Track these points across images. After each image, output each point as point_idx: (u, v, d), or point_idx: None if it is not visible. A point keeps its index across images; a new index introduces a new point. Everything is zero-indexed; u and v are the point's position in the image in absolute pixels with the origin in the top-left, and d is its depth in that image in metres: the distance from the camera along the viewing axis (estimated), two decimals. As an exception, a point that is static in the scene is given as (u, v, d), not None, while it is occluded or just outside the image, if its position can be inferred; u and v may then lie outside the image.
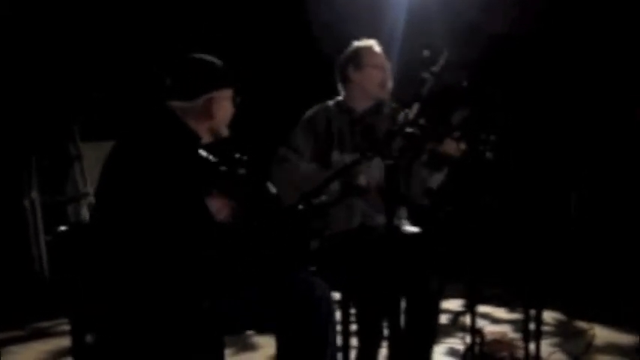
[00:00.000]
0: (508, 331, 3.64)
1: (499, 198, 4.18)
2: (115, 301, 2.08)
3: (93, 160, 4.84)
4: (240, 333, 2.35)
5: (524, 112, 4.79)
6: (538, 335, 2.74)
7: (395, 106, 2.90)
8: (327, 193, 2.61)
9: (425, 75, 2.42)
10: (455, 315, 4.14)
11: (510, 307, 4.20)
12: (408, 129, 2.37)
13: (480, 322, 3.22)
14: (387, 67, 2.94)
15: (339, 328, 2.33)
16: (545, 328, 3.61)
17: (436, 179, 2.84)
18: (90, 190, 4.80)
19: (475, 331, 2.69)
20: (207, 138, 2.24)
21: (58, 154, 4.91)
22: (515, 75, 4.81)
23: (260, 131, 4.86)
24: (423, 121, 2.48)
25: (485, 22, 4.68)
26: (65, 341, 3.05)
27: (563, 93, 4.80)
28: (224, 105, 2.24)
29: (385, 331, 2.76)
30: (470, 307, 2.65)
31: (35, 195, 4.62)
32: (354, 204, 2.80)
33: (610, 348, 3.51)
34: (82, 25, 4.92)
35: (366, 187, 2.72)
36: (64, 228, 2.18)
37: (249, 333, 3.47)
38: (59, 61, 4.85)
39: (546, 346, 3.33)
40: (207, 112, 2.20)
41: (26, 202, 4.61)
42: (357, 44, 2.98)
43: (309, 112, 2.94)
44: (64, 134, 4.92)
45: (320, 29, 4.98)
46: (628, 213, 4.57)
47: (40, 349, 3.70)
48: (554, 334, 3.76)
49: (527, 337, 2.77)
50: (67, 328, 2.24)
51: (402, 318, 2.62)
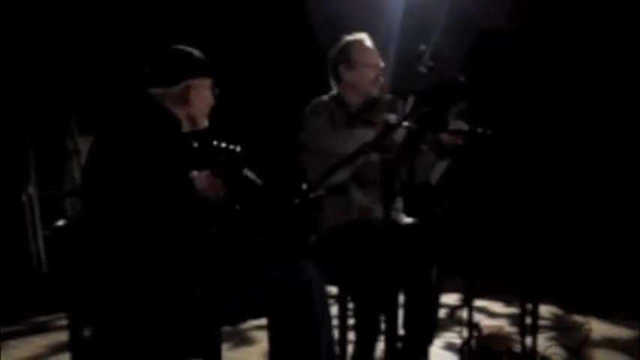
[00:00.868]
0: (505, 325, 3.65)
1: (496, 193, 4.19)
2: (111, 295, 2.08)
3: (90, 155, 4.84)
4: (235, 324, 2.35)
5: (520, 106, 4.80)
6: (535, 329, 2.75)
7: (391, 99, 2.89)
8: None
9: (421, 69, 2.42)
10: (452, 309, 4.16)
11: (507, 301, 4.21)
12: (405, 122, 2.37)
13: (477, 316, 3.23)
14: (379, 62, 2.91)
15: (336, 322, 2.34)
16: (542, 322, 3.62)
17: (438, 170, 2.84)
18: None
19: (472, 325, 2.70)
20: (186, 125, 2.27)
21: (55, 148, 4.91)
22: (511, 69, 4.81)
23: (259, 128, 4.88)
24: (420, 115, 2.49)
25: (481, 15, 4.67)
26: (63, 335, 3.05)
27: (558, 87, 4.80)
28: (202, 93, 2.27)
29: (382, 326, 2.77)
30: (467, 302, 2.66)
31: (33, 190, 4.61)
32: (351, 197, 2.80)
33: (606, 342, 3.52)
34: (79, 21, 4.91)
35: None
36: (61, 222, 2.18)
37: (245, 327, 3.48)
38: (56, 56, 4.84)
39: (543, 340, 3.34)
40: (185, 99, 2.23)
41: (24, 197, 4.61)
42: (347, 40, 2.93)
43: (311, 104, 2.91)
44: (61, 129, 4.91)
45: (317, 24, 4.97)
46: (625, 207, 4.58)
47: (39, 343, 3.71)
48: (550, 328, 3.77)
49: (524, 331, 2.78)
50: (65, 322, 2.25)
51: (400, 312, 2.63)
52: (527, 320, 2.79)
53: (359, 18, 4.61)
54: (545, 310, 4.01)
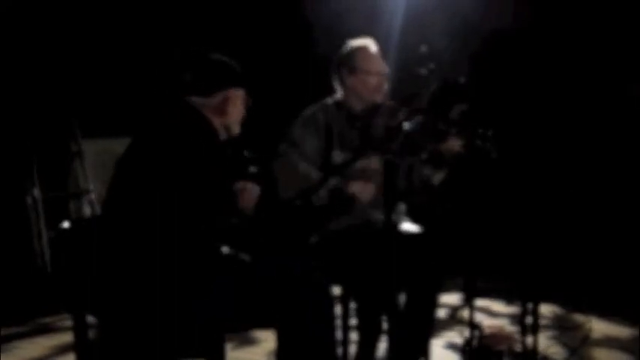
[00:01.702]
0: (506, 325, 3.66)
1: (497, 193, 4.21)
2: (117, 296, 2.10)
3: (94, 157, 4.86)
4: (239, 331, 2.36)
5: (521, 107, 4.81)
6: (535, 328, 2.76)
7: (393, 104, 2.86)
8: (317, 200, 2.63)
9: (422, 71, 2.43)
10: (453, 309, 4.17)
11: (508, 300, 4.22)
12: (406, 126, 2.39)
13: (478, 316, 3.24)
14: (383, 69, 2.85)
15: (338, 322, 2.36)
16: (543, 321, 3.63)
17: (437, 178, 2.84)
18: (91, 186, 4.82)
19: (473, 325, 2.72)
20: (221, 133, 2.31)
21: (59, 150, 4.93)
22: (512, 70, 4.82)
23: (259, 130, 4.88)
24: (421, 118, 2.50)
25: (482, 17, 4.68)
26: (68, 337, 3.07)
27: (558, 87, 4.81)
28: (237, 104, 2.33)
29: (384, 325, 2.78)
30: (468, 301, 2.68)
31: (37, 192, 4.64)
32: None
33: (607, 341, 3.53)
34: (82, 22, 4.92)
35: (360, 196, 2.66)
36: (66, 224, 2.20)
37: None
38: (60, 58, 4.86)
39: (544, 339, 3.36)
40: (222, 109, 2.28)
41: (28, 199, 4.63)
42: (352, 45, 2.87)
43: (308, 110, 2.87)
44: (64, 131, 4.93)
45: (317, 25, 4.97)
46: (626, 207, 4.59)
47: (44, 344, 3.72)
48: (551, 327, 3.78)
49: (525, 330, 2.79)
50: (69, 323, 2.27)
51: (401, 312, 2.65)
52: (528, 319, 2.80)
53: (358, 19, 4.63)
54: (546, 310, 4.02)
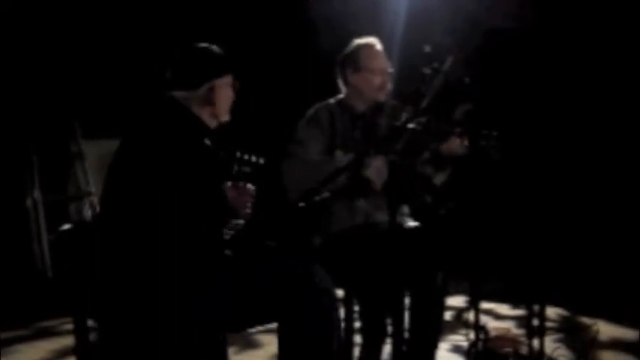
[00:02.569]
0: (512, 327, 3.63)
1: (503, 194, 4.18)
2: (118, 298, 2.08)
3: (95, 158, 4.84)
4: (241, 330, 2.33)
5: (525, 108, 4.79)
6: (542, 331, 2.74)
7: (396, 104, 2.85)
8: (333, 186, 2.59)
9: (426, 71, 2.41)
10: (458, 311, 4.15)
11: (514, 303, 4.20)
12: (410, 125, 2.36)
13: (484, 319, 3.22)
14: (387, 68, 2.86)
15: (342, 325, 2.33)
16: (549, 324, 3.60)
17: (439, 178, 2.83)
18: (92, 189, 4.80)
19: (479, 328, 2.69)
20: (210, 123, 2.29)
21: (59, 152, 4.92)
22: (516, 69, 4.80)
23: (260, 130, 4.87)
24: (425, 118, 2.48)
25: (486, 16, 4.66)
26: (69, 340, 3.05)
27: (563, 88, 4.79)
28: (225, 91, 2.29)
29: (389, 328, 2.76)
30: (473, 304, 2.65)
31: (37, 194, 4.62)
32: (355, 203, 2.79)
33: (614, 343, 3.51)
34: (82, 23, 4.92)
35: (375, 179, 2.65)
36: (66, 227, 2.18)
37: (251, 330, 3.47)
38: (60, 59, 4.85)
39: (550, 342, 3.32)
40: (210, 100, 2.25)
41: (28, 202, 4.62)
42: (357, 43, 2.88)
43: (312, 110, 2.87)
44: (65, 132, 4.92)
45: (320, 24, 4.96)
46: (632, 209, 4.57)
47: (45, 348, 3.70)
48: (557, 329, 3.75)
49: (531, 333, 2.77)
50: (70, 326, 2.24)
51: (406, 315, 2.62)
52: (535, 322, 2.78)
53: (361, 19, 4.62)
54: (552, 312, 3.99)
